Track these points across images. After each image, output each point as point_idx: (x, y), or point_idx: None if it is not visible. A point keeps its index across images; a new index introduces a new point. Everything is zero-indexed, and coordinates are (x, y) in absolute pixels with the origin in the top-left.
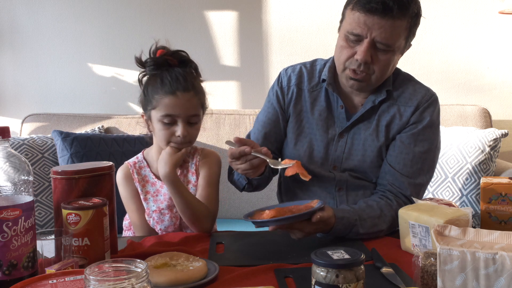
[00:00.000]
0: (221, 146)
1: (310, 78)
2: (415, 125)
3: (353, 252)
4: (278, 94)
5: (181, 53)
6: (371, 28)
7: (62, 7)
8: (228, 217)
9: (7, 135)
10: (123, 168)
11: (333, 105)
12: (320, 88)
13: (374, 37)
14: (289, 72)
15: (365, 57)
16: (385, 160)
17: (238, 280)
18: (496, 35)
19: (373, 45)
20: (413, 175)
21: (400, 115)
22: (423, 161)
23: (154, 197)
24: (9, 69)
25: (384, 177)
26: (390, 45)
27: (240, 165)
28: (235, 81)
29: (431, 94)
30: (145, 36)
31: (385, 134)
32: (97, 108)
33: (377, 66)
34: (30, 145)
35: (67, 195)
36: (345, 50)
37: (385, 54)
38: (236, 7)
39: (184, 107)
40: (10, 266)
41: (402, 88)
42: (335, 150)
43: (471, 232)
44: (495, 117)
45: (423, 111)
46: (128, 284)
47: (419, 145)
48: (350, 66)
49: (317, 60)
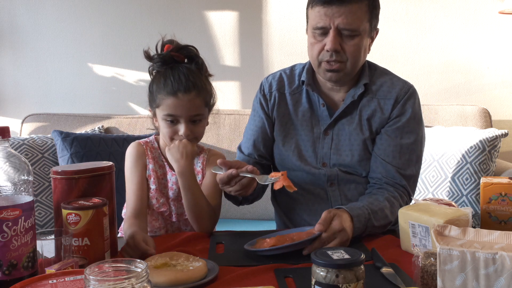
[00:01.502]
0: (221, 146)
1: (290, 82)
2: (399, 118)
3: (353, 252)
4: (261, 101)
5: (189, 48)
6: (333, 17)
7: (62, 7)
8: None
9: (7, 135)
10: (135, 144)
11: (315, 105)
12: (300, 91)
13: (337, 25)
14: (269, 79)
15: (334, 45)
16: (375, 155)
17: (238, 280)
18: (496, 35)
19: (339, 33)
20: (403, 166)
21: (380, 109)
22: (411, 152)
23: (159, 179)
24: (9, 69)
25: (376, 170)
26: (354, 29)
27: (231, 188)
28: (235, 81)
29: (408, 86)
30: (145, 36)
31: (368, 127)
32: (97, 108)
33: (348, 53)
34: (30, 145)
35: (67, 195)
36: (315, 46)
37: (352, 39)
38: (236, 7)
39: (185, 108)
40: (10, 266)
41: (379, 81)
42: (322, 148)
43: (471, 232)
44: (495, 117)
45: (404, 104)
46: (128, 284)
47: (405, 137)
48: (323, 59)
49: (296, 65)
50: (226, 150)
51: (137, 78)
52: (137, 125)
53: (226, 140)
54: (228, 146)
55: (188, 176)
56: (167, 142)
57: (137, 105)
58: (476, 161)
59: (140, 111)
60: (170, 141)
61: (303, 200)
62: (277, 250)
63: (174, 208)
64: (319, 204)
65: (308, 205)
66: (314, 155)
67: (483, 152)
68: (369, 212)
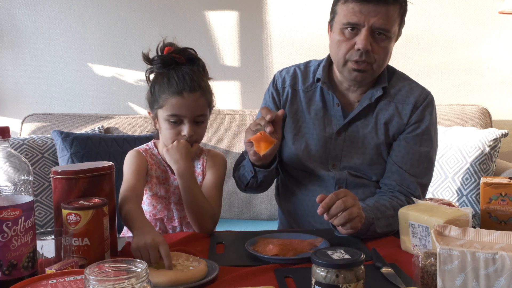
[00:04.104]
0: (221, 146)
1: (305, 78)
2: (417, 125)
3: (353, 252)
4: (274, 95)
5: (189, 51)
6: (368, 16)
7: (62, 7)
8: (228, 217)
9: (7, 135)
10: (135, 152)
11: (328, 104)
12: (315, 88)
13: (372, 24)
14: (283, 74)
15: (366, 45)
16: (391, 161)
17: (238, 280)
18: (496, 35)
19: (372, 32)
20: (420, 174)
21: (398, 113)
22: (428, 160)
23: (161, 184)
24: (9, 69)
25: (391, 177)
26: (388, 30)
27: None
28: (235, 81)
29: (427, 93)
30: (145, 36)
31: (385, 131)
32: (97, 108)
33: (377, 54)
34: (30, 145)
35: (67, 195)
36: (344, 44)
37: (383, 41)
38: (236, 7)
39: (190, 108)
40: (10, 266)
41: (398, 86)
42: (334, 149)
43: (471, 232)
44: (495, 117)
45: (423, 110)
46: (128, 284)
47: (424, 145)
48: (351, 58)
49: (311, 61)
50: (226, 150)
51: (137, 78)
52: (137, 125)
53: (226, 140)
54: (228, 146)
55: (187, 177)
56: (168, 144)
57: (137, 105)
58: (476, 161)
59: (140, 111)
60: (171, 143)
61: (309, 202)
62: (278, 260)
63: (176, 212)
64: None
65: (314, 207)
66: (324, 156)
67: (483, 152)
68: (373, 217)
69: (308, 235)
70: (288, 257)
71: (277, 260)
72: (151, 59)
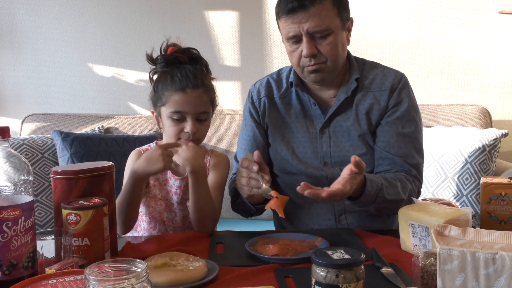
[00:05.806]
0: (221, 146)
1: (279, 86)
2: (396, 108)
3: (353, 252)
4: (251, 109)
5: (191, 51)
6: (300, 24)
7: (62, 7)
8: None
9: (7, 135)
10: (138, 150)
11: (306, 105)
12: (290, 93)
13: (307, 30)
14: (257, 86)
15: (310, 51)
16: (378, 148)
17: (238, 280)
18: (496, 35)
19: (312, 37)
20: (409, 155)
21: (377, 101)
22: (414, 140)
23: (161, 186)
24: (9, 69)
25: (382, 164)
26: (324, 29)
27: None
28: (235, 81)
29: (400, 75)
30: (145, 36)
31: (367, 121)
32: (97, 108)
33: (325, 53)
34: (30, 145)
35: (67, 195)
36: (294, 54)
37: (326, 39)
38: (236, 7)
39: (193, 104)
40: (10, 266)
41: (371, 75)
42: (322, 147)
43: (471, 232)
44: (495, 117)
45: (400, 93)
46: (128, 284)
47: (406, 126)
48: (304, 64)
49: (282, 69)
50: (226, 150)
51: (137, 78)
52: (137, 125)
53: (226, 140)
54: (228, 146)
55: (202, 176)
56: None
57: (137, 105)
58: (476, 161)
59: (140, 111)
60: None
61: (304, 204)
62: (278, 260)
63: (179, 212)
64: (320, 208)
65: (310, 209)
66: (314, 155)
67: (483, 152)
68: (382, 182)
69: (308, 235)
70: (288, 257)
71: (277, 260)
72: (155, 58)
